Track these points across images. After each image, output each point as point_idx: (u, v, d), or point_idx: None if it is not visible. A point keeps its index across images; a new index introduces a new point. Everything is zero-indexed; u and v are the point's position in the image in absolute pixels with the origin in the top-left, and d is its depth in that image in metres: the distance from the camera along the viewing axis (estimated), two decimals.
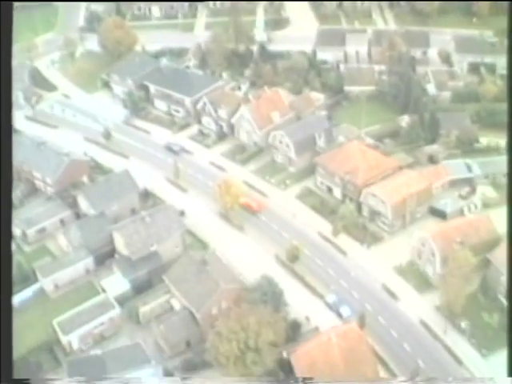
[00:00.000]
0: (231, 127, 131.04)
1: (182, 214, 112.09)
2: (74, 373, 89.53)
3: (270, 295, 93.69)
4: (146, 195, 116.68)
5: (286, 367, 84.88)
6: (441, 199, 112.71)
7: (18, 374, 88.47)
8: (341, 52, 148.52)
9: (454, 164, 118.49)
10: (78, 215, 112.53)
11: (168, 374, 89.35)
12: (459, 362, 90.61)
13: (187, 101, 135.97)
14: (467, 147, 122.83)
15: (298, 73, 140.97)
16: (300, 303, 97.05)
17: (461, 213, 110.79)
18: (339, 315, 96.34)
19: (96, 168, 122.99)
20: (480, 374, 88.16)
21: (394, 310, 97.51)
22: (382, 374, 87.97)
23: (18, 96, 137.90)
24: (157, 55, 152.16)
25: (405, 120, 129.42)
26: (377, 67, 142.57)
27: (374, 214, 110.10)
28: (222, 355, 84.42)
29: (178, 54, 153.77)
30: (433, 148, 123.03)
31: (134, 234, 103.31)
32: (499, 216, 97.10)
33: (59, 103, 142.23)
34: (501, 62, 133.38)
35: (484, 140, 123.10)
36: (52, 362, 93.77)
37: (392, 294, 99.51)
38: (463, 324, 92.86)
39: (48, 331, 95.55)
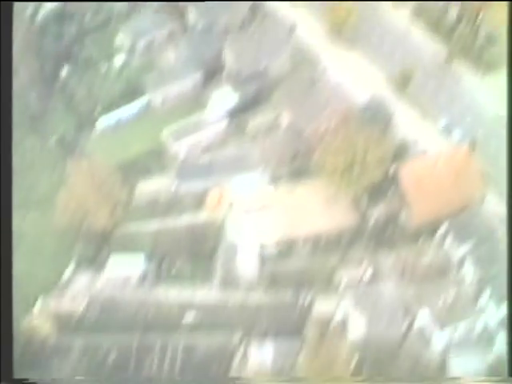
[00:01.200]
0: None
1: (293, 29, 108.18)
2: (181, 175, 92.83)
3: (379, 117, 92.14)
4: (256, 7, 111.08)
5: (392, 182, 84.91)
6: None
7: (125, 175, 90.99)
8: None
9: None
10: (186, 28, 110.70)
11: (275, 179, 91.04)
12: None
13: None
14: None
15: None
16: (410, 126, 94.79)
17: None
18: (449, 139, 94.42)
19: None
20: None
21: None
22: (491, 197, 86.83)
23: None
24: None
25: None
26: None
27: (491, 39, 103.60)
28: (330, 166, 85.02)
29: None
30: None
31: (243, 50, 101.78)
32: None
33: None
34: None
35: None
36: (160, 166, 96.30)
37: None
38: None
39: (156, 141, 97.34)
